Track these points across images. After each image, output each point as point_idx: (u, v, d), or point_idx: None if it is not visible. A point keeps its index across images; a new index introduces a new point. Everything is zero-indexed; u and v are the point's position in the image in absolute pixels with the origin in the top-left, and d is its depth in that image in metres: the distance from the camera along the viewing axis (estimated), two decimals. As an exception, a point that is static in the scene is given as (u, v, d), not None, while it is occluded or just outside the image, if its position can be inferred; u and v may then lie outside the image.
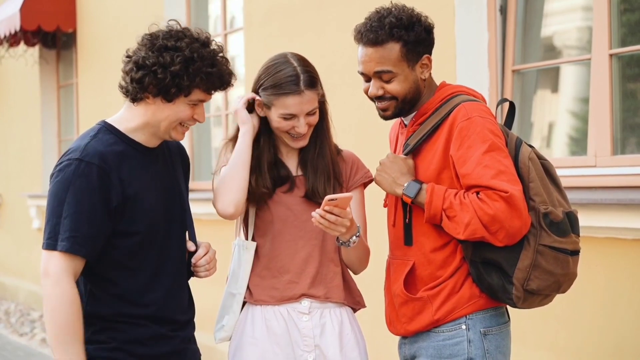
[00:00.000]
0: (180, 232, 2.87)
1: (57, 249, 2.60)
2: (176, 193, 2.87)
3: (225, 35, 7.44)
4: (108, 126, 2.76)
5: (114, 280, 2.72)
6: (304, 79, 2.93)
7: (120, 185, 2.67)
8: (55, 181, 2.66)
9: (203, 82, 2.67)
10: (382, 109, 2.86)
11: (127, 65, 2.69)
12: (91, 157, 2.65)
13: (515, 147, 2.77)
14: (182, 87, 2.65)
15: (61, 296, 2.59)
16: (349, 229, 2.86)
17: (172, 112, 2.70)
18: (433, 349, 2.80)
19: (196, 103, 2.72)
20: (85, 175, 2.62)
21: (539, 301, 2.76)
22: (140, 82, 2.65)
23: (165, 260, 2.79)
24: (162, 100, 2.68)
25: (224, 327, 3.06)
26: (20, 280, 11.16)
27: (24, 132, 11.19)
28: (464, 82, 4.63)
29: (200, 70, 2.65)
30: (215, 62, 2.69)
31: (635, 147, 4.34)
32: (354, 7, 5.32)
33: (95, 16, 9.27)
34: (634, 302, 3.94)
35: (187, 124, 2.76)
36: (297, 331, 2.98)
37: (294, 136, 2.98)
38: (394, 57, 2.79)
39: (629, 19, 4.38)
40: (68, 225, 2.61)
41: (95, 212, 2.62)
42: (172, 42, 2.65)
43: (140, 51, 2.67)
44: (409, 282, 2.85)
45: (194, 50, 2.65)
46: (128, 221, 2.69)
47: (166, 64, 2.62)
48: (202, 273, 2.90)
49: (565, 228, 2.70)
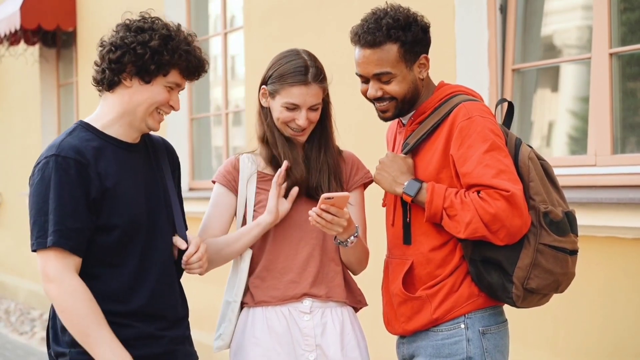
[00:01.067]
0: (166, 228, 2.83)
1: (47, 245, 2.59)
2: (160, 189, 2.85)
3: (225, 35, 7.43)
4: (84, 124, 2.77)
5: (98, 277, 2.69)
6: (312, 71, 2.94)
7: (97, 178, 2.66)
8: (36, 180, 2.66)
9: (182, 59, 2.69)
10: (381, 110, 2.86)
11: (103, 51, 2.71)
12: (67, 151, 2.65)
13: (514, 146, 2.77)
14: (162, 63, 2.67)
15: (71, 293, 2.59)
16: (347, 229, 2.86)
17: (149, 94, 2.71)
18: (432, 348, 2.80)
19: (172, 86, 2.73)
20: (63, 170, 2.62)
21: (537, 300, 2.77)
22: (118, 61, 2.67)
23: (151, 256, 2.76)
24: (139, 82, 2.70)
25: (222, 336, 3.06)
26: (20, 279, 11.16)
27: (24, 131, 11.19)
28: (464, 81, 4.64)
29: (179, 47, 2.68)
30: (190, 43, 2.73)
31: (635, 146, 4.34)
32: (354, 7, 5.32)
33: (95, 15, 9.27)
34: (634, 301, 3.95)
35: (162, 110, 2.76)
36: (298, 330, 2.98)
37: (294, 130, 2.98)
38: (392, 58, 2.79)
39: (629, 18, 4.38)
40: (53, 219, 2.60)
41: (77, 205, 2.62)
42: (148, 24, 2.71)
43: (116, 35, 2.71)
44: (408, 281, 2.85)
45: (170, 31, 2.70)
46: (107, 215, 2.67)
47: (145, 40, 2.66)
48: (196, 270, 2.86)
49: (565, 227, 2.71)
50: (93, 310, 2.60)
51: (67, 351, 2.68)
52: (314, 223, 2.81)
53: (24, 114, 11.20)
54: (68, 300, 2.59)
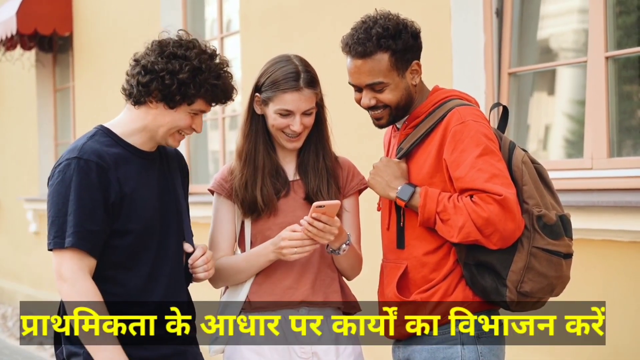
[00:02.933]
0: (177, 235, 2.88)
1: (65, 246, 2.63)
2: (172, 197, 2.89)
3: (221, 39, 7.43)
4: (104, 129, 2.81)
5: (112, 279, 2.74)
6: (304, 77, 2.94)
7: (117, 183, 2.71)
8: (57, 181, 2.69)
9: (208, 93, 2.72)
10: (376, 118, 2.86)
11: (135, 69, 2.74)
12: (89, 154, 2.69)
13: (508, 150, 2.77)
14: (187, 95, 2.70)
15: (84, 295, 2.63)
16: (338, 237, 2.87)
17: (172, 118, 2.75)
18: (427, 352, 2.80)
19: (197, 113, 2.77)
20: (85, 172, 2.67)
21: (531, 305, 2.76)
22: (146, 86, 2.70)
23: (162, 261, 2.81)
24: (164, 106, 2.73)
25: (218, 340, 3.05)
26: (18, 284, 11.15)
27: (21, 136, 11.18)
28: (460, 84, 4.64)
29: (207, 81, 2.70)
30: (220, 75, 2.74)
31: (631, 149, 4.34)
32: (351, 10, 5.32)
33: (91, 20, 9.27)
34: (631, 304, 3.95)
35: (184, 132, 2.81)
36: (294, 337, 2.97)
37: (289, 135, 2.98)
38: (384, 68, 2.78)
39: (625, 22, 4.39)
40: (72, 221, 2.65)
41: (96, 208, 2.67)
42: (181, 51, 2.70)
43: (149, 56, 2.72)
44: (402, 285, 2.84)
45: (202, 61, 2.70)
46: (124, 220, 2.73)
47: (174, 70, 2.67)
48: (201, 274, 2.90)
49: (559, 231, 2.70)
50: (102, 314, 2.64)
51: (81, 351, 2.71)
52: (305, 232, 2.81)
53: (20, 119, 11.19)
54: (80, 300, 2.62)
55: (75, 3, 9.59)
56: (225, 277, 3.01)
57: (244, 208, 3.00)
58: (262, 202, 2.97)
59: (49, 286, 9.94)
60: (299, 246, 2.86)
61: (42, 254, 10.07)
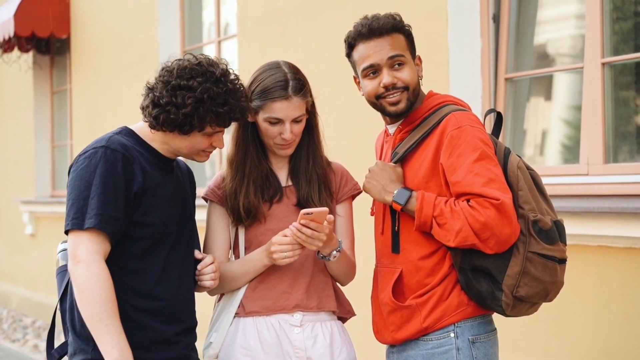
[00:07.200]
0: (189, 240, 2.93)
1: (85, 227, 2.66)
2: (187, 206, 2.96)
3: (219, 42, 7.44)
4: (129, 130, 2.87)
5: (127, 269, 2.76)
6: (292, 85, 2.94)
7: (141, 174, 2.76)
8: (81, 167, 2.74)
9: (213, 120, 2.76)
10: (393, 102, 2.84)
11: (145, 101, 2.80)
12: (116, 145, 2.76)
13: (503, 156, 2.78)
14: (194, 125, 2.75)
15: (97, 276, 2.64)
16: (329, 243, 2.87)
17: (189, 143, 2.82)
18: (422, 357, 2.80)
19: (212, 133, 2.81)
20: (111, 161, 2.72)
21: (526, 309, 2.77)
22: (156, 118, 2.76)
23: (174, 261, 2.84)
24: (178, 132, 2.78)
25: (212, 345, 3.05)
26: (13, 286, 11.14)
27: (18, 138, 11.18)
28: (456, 90, 4.65)
29: (210, 110, 2.74)
30: (227, 100, 2.76)
31: (627, 155, 4.35)
32: (347, 14, 5.33)
33: (89, 22, 9.27)
34: (625, 310, 3.95)
35: (207, 150, 2.86)
36: (288, 342, 2.98)
37: (280, 143, 2.98)
38: (402, 44, 2.83)
39: (622, 28, 4.40)
40: (95, 204, 2.68)
41: (118, 196, 2.71)
42: (184, 82, 2.73)
43: (157, 86, 2.77)
44: (397, 290, 2.84)
45: (205, 91, 2.72)
46: (144, 212, 2.77)
47: (178, 105, 2.72)
48: (208, 282, 2.94)
49: (554, 236, 2.71)
50: (112, 299, 2.65)
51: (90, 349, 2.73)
52: (294, 238, 2.82)
53: (17, 121, 11.19)
54: (92, 280, 2.63)
55: (73, 6, 9.60)
56: (222, 284, 3.02)
57: (233, 215, 3.02)
58: (244, 210, 2.99)
59: (44, 288, 9.94)
60: (289, 250, 2.87)
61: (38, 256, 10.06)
